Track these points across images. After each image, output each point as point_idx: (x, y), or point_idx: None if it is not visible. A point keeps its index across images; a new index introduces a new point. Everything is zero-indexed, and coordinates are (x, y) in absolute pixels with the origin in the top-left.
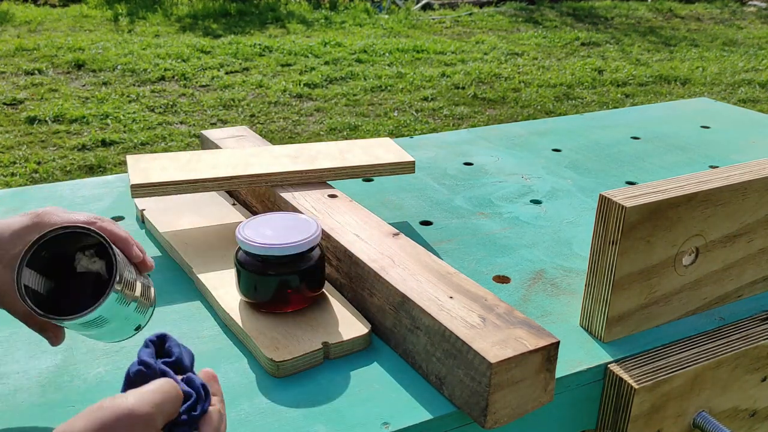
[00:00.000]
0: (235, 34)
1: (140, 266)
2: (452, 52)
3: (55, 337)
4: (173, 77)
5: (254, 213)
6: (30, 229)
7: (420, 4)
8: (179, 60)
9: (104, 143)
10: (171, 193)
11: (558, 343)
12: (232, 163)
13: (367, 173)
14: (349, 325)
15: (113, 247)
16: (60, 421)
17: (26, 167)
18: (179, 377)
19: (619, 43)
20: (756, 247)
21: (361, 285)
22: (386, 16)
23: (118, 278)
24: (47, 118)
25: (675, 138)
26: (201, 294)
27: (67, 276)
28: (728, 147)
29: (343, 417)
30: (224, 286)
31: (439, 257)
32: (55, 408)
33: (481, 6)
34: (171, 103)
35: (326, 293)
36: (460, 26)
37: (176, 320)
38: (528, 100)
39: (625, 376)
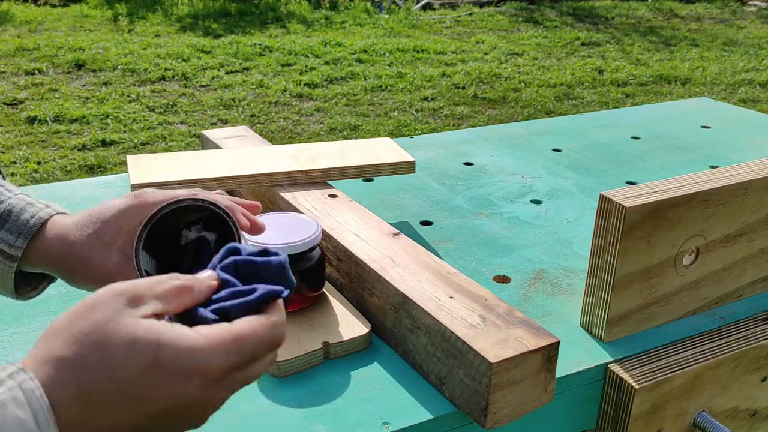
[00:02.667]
0: (236, 34)
1: (253, 230)
2: (452, 52)
3: None
4: (173, 77)
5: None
6: (132, 209)
7: (420, 4)
8: (179, 60)
9: (104, 143)
10: None
11: (558, 343)
12: (233, 163)
13: (367, 173)
14: (350, 325)
15: (230, 215)
16: None
17: (26, 167)
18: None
19: (619, 43)
20: (756, 247)
21: (362, 285)
22: (386, 16)
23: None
24: (47, 118)
25: (675, 138)
26: None
27: (169, 255)
28: (728, 147)
29: (344, 417)
30: None
31: (440, 257)
32: None
33: (482, 6)
34: (171, 103)
35: (326, 293)
36: (460, 26)
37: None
38: (528, 100)
39: (626, 376)
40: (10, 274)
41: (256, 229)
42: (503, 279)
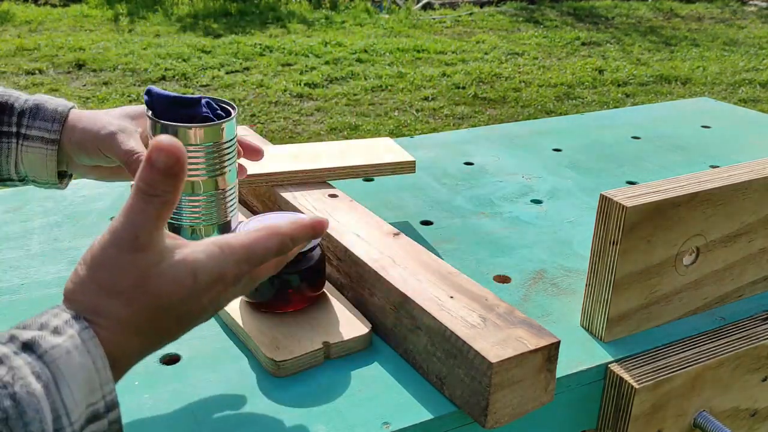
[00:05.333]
0: (236, 33)
1: (250, 154)
2: (453, 52)
3: None
4: (174, 77)
5: (255, 213)
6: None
7: (420, 4)
8: (180, 60)
9: None
10: None
11: (558, 342)
12: None
13: (367, 173)
14: (350, 325)
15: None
16: None
17: None
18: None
19: (619, 43)
20: (757, 246)
21: (362, 285)
22: (387, 16)
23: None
24: None
25: (675, 138)
26: None
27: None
28: (729, 147)
29: (344, 417)
30: None
31: (440, 257)
32: None
33: (482, 6)
34: None
35: (327, 293)
36: (460, 26)
37: None
38: (528, 99)
39: (626, 376)
40: (54, 157)
41: (254, 153)
42: (503, 279)
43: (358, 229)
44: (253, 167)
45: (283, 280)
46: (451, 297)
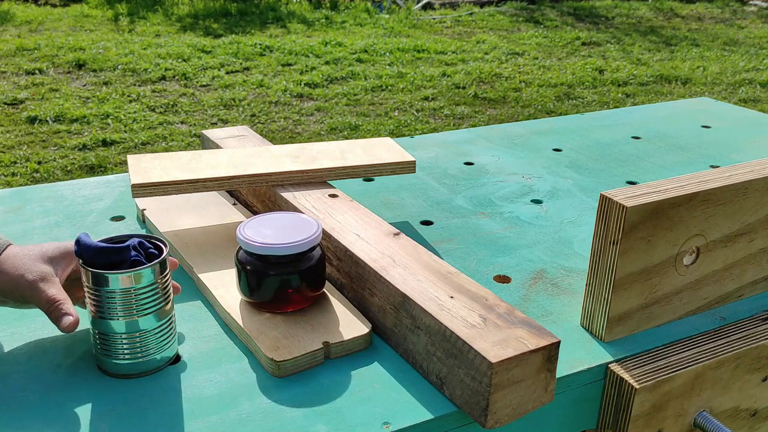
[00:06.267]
0: (236, 33)
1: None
2: (453, 52)
3: (74, 319)
4: (174, 77)
5: (255, 213)
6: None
7: (420, 4)
8: (180, 60)
9: (105, 143)
10: (171, 192)
11: (559, 342)
12: (233, 163)
13: (367, 173)
14: (350, 325)
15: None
16: (61, 422)
17: (27, 167)
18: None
19: (620, 43)
20: (757, 246)
21: (362, 285)
22: (387, 16)
23: (166, 256)
24: (48, 118)
25: (676, 138)
26: (201, 294)
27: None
28: (729, 147)
29: (344, 417)
30: (225, 285)
31: (440, 257)
32: (55, 408)
33: (482, 6)
34: (172, 102)
35: (327, 293)
36: (460, 26)
37: (177, 320)
38: (529, 99)
39: (626, 376)
40: None
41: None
42: (504, 279)
43: (358, 229)
44: (253, 167)
45: (283, 280)
46: (451, 297)
